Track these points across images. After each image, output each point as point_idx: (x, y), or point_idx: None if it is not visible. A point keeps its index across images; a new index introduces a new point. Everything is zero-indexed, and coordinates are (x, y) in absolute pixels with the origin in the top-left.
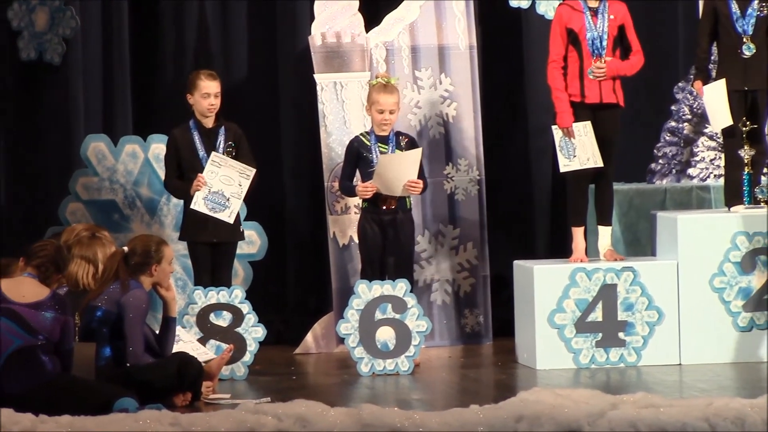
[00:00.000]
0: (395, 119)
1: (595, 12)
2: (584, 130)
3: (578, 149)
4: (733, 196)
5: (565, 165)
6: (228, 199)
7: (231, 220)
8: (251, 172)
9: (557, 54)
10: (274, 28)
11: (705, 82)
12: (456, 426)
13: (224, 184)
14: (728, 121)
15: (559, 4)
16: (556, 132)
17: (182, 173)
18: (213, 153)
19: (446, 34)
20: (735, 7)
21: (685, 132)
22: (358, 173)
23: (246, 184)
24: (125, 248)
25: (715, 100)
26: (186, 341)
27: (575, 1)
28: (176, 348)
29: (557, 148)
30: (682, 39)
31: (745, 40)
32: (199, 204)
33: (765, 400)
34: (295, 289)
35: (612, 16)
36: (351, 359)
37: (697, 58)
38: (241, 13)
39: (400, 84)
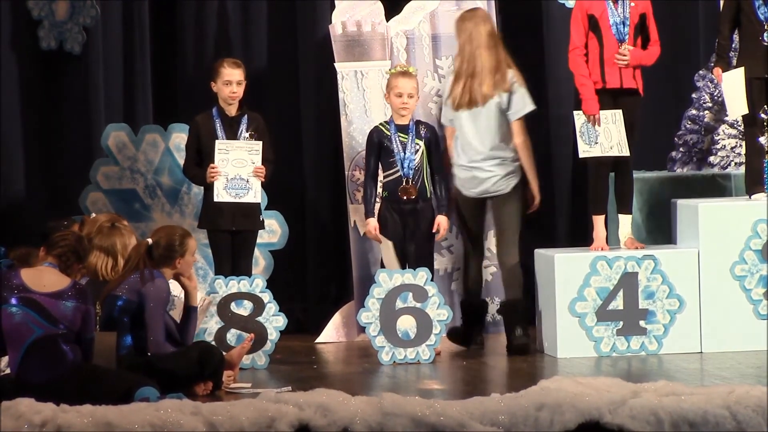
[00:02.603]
0: (414, 105)
1: None
2: (613, 118)
3: (602, 136)
4: (754, 184)
5: (585, 151)
6: (248, 181)
7: (258, 200)
8: (258, 145)
9: (579, 41)
10: (294, 16)
11: (725, 69)
12: (477, 414)
13: (239, 167)
14: (744, 110)
15: None
16: (578, 117)
17: (202, 160)
18: (217, 142)
19: None
20: None
21: (705, 120)
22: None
23: (258, 160)
24: (150, 240)
25: (733, 87)
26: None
27: None
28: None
29: (578, 134)
30: (702, 26)
31: (767, 27)
32: (221, 195)
33: None
34: (316, 278)
35: (633, 4)
36: (372, 348)
37: (718, 44)
38: (261, 2)
39: (421, 73)
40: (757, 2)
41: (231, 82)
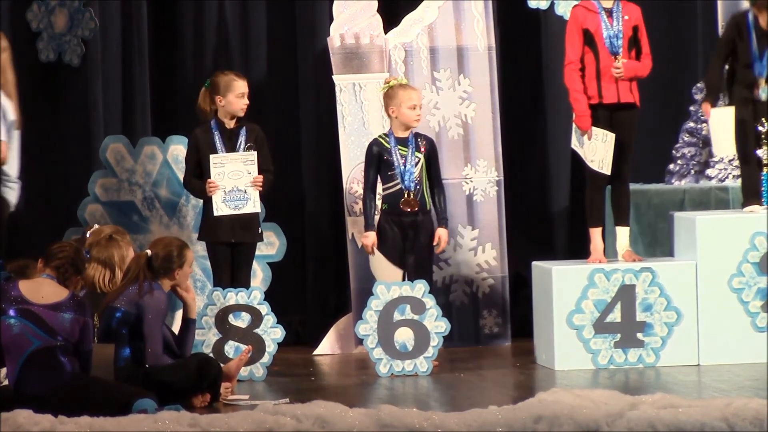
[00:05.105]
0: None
1: (609, 12)
2: (603, 138)
3: (587, 147)
4: (750, 197)
5: (575, 145)
6: (245, 192)
7: (258, 210)
8: (253, 155)
9: (575, 56)
10: (293, 29)
11: (713, 105)
12: (475, 426)
13: (235, 179)
14: (731, 150)
15: (574, 6)
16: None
17: (202, 173)
18: (211, 157)
19: (465, 35)
20: (755, 47)
21: (703, 133)
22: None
23: (255, 170)
24: (149, 252)
25: (721, 124)
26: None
27: (589, 2)
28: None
29: (573, 128)
30: (701, 39)
31: (761, 83)
32: (220, 208)
33: None
34: (314, 290)
35: (626, 17)
36: (370, 360)
37: (708, 81)
38: (260, 15)
39: (419, 85)
40: (754, 54)
41: (244, 94)
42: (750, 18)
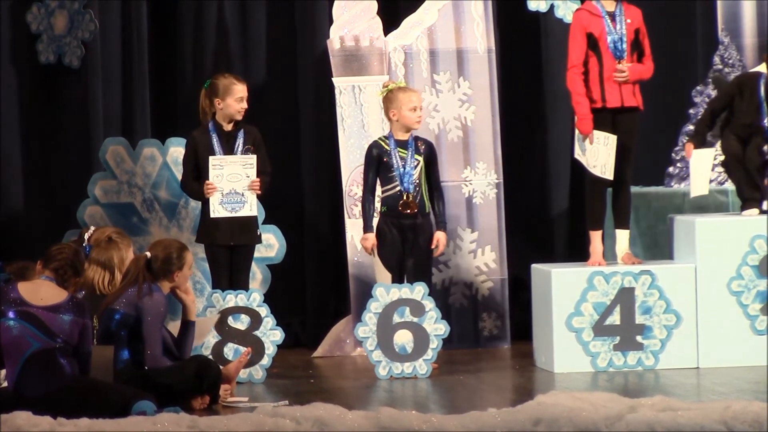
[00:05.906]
0: None
1: (612, 16)
2: (605, 141)
3: (589, 152)
4: (748, 200)
5: (578, 155)
6: (243, 195)
7: (255, 213)
8: (252, 159)
9: (578, 59)
10: (293, 31)
11: (697, 147)
12: (474, 429)
13: (233, 182)
14: (705, 191)
15: (577, 9)
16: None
17: (200, 175)
18: (210, 158)
19: (465, 38)
20: (765, 109)
21: None
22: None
23: (253, 173)
24: (148, 254)
25: (700, 165)
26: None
27: (593, 6)
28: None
29: (576, 137)
30: (700, 40)
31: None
32: (218, 210)
33: None
34: (314, 292)
35: (629, 20)
36: (369, 362)
37: (697, 126)
38: (260, 17)
39: (419, 87)
40: (764, 116)
41: (243, 98)
42: (762, 82)
